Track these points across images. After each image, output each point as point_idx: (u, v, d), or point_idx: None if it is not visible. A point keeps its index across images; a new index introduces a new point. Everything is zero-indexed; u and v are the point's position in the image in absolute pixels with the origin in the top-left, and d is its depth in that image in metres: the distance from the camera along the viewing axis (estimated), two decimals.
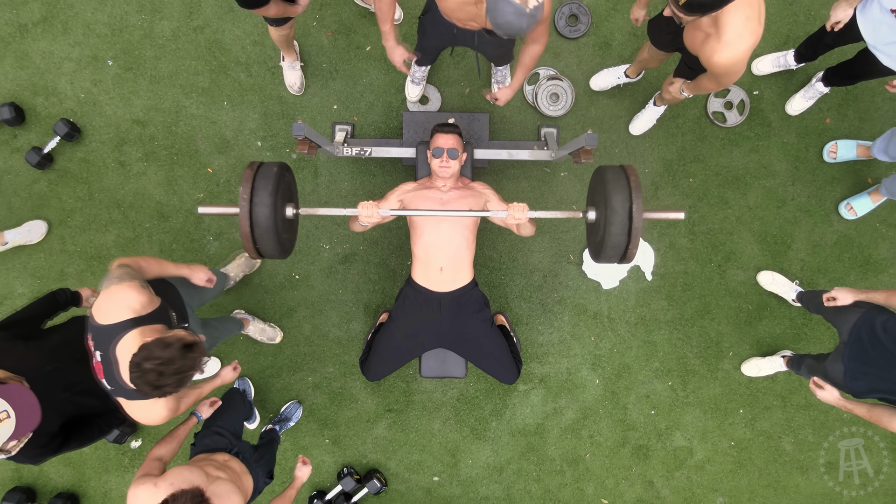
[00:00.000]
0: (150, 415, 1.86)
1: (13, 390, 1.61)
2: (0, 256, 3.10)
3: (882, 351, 2.17)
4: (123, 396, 1.82)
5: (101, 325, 1.76)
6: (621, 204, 1.99)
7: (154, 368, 1.60)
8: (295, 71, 3.02)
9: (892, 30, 2.19)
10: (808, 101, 3.00)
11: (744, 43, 1.92)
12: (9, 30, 3.06)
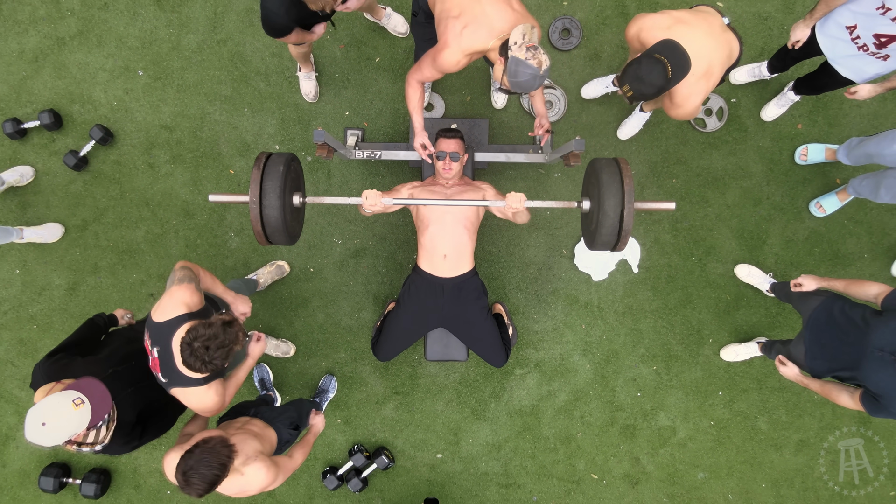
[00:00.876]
0: (204, 401, 2.12)
1: (83, 383, 1.87)
2: (39, 252, 3.38)
3: (836, 333, 2.44)
4: (180, 386, 2.07)
5: (160, 323, 2.03)
6: (614, 194, 2.24)
7: (202, 345, 1.87)
8: (310, 80, 3.30)
9: (848, 45, 2.46)
10: (780, 108, 3.28)
11: (693, 102, 2.33)
12: (48, 43, 3.34)
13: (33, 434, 1.77)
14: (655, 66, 2.08)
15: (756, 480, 3.47)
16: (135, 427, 2.15)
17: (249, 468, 2.06)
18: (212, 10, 3.34)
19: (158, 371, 2.08)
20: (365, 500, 3.47)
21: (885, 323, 2.23)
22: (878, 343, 2.22)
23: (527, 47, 2.13)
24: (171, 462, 2.05)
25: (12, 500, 3.46)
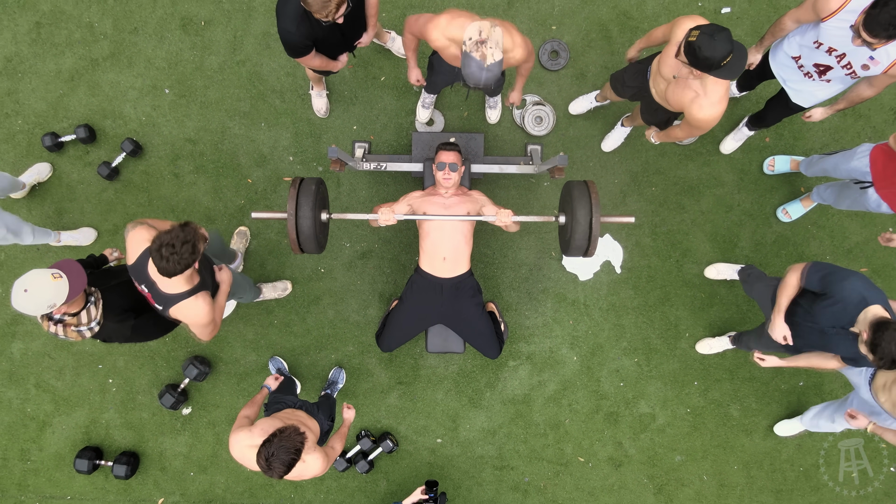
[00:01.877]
0: (197, 312, 2.40)
1: (62, 262, 2.20)
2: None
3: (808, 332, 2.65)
4: (173, 305, 2.36)
5: (134, 264, 2.36)
6: (583, 211, 2.61)
7: (168, 244, 2.11)
8: (322, 98, 3.62)
9: (795, 72, 2.79)
10: (737, 142, 3.61)
11: (722, 106, 2.47)
12: (83, 63, 3.67)
13: (17, 300, 2.08)
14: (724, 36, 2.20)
15: (728, 462, 3.79)
16: (126, 311, 2.46)
17: (310, 456, 2.36)
18: (232, 34, 3.67)
19: (154, 302, 2.41)
20: (371, 480, 3.80)
21: (823, 308, 2.51)
22: (827, 324, 2.53)
23: (476, 42, 2.36)
24: (239, 443, 2.37)
25: (48, 481, 3.79)
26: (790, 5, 3.65)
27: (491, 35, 2.37)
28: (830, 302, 2.49)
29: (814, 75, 2.69)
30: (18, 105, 3.67)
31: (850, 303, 2.42)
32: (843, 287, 2.45)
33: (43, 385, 3.75)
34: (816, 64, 2.62)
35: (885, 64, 2.41)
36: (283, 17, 2.54)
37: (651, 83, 2.80)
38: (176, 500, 3.80)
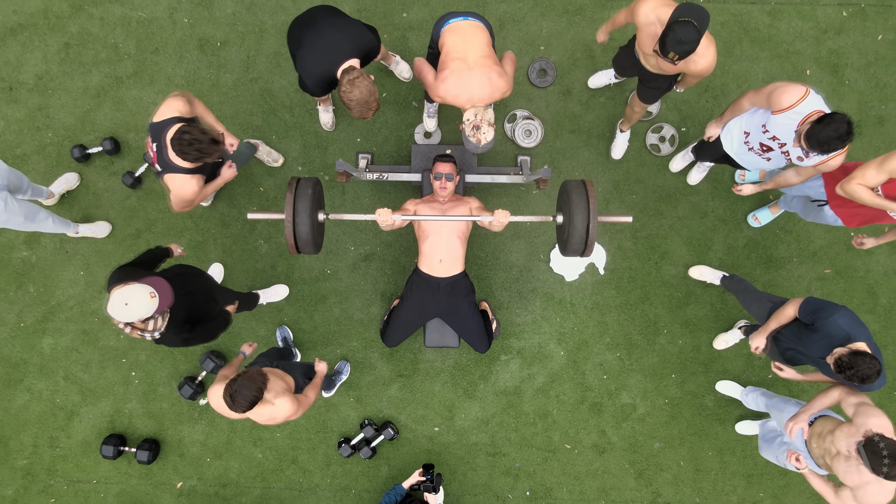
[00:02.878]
0: (185, 187, 2.76)
1: (155, 280, 2.50)
2: (100, 256, 4.01)
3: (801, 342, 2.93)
4: (171, 172, 2.71)
5: (157, 122, 2.70)
6: (582, 210, 2.86)
7: (188, 131, 2.54)
8: (328, 113, 3.94)
9: (743, 145, 3.08)
10: (701, 173, 3.93)
11: (712, 51, 2.72)
12: (108, 81, 3.98)
13: (116, 310, 2.35)
14: (687, 26, 2.50)
15: (703, 449, 4.10)
16: (184, 324, 2.77)
17: (278, 400, 2.69)
18: (245, 54, 3.98)
19: (156, 163, 2.74)
20: (374, 466, 4.11)
21: (812, 342, 2.81)
22: (817, 355, 2.82)
23: (473, 126, 2.85)
24: (215, 393, 2.69)
25: (76, 466, 4.10)
26: (758, 27, 3.97)
27: (484, 117, 2.81)
28: (818, 336, 2.78)
29: (757, 150, 3.01)
30: (49, 119, 3.98)
31: (836, 337, 2.69)
32: (831, 323, 2.72)
33: (71, 377, 4.07)
34: (762, 144, 2.94)
35: (816, 160, 2.74)
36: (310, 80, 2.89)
37: (643, 61, 3.07)
38: (193, 483, 4.11)
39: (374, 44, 2.96)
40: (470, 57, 2.90)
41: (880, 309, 4.04)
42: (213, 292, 3.05)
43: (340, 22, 2.89)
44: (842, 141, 2.46)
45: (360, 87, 2.70)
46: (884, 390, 4.07)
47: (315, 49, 2.80)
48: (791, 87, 2.64)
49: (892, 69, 3.99)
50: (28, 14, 3.95)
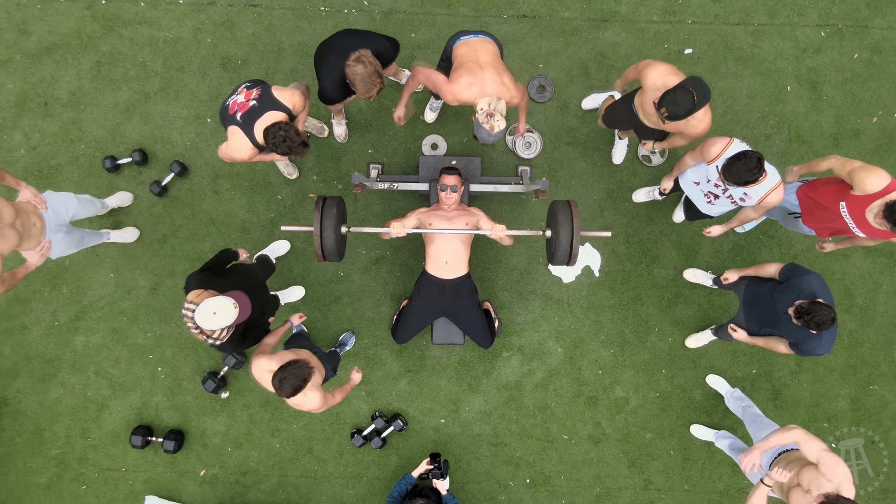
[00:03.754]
0: (240, 148, 3.05)
1: (238, 295, 2.80)
2: (128, 260, 4.30)
3: (758, 305, 3.29)
4: (242, 130, 3.01)
5: (273, 96, 3.01)
6: (566, 227, 3.18)
7: (285, 129, 2.89)
8: (341, 126, 4.23)
9: (698, 192, 3.42)
10: (649, 196, 4.23)
11: (709, 117, 3.06)
12: (137, 97, 4.27)
13: (203, 318, 2.65)
14: (686, 95, 2.83)
15: (692, 439, 4.39)
16: (242, 335, 3.06)
17: (310, 393, 2.98)
18: (264, 71, 4.27)
19: (242, 110, 3.03)
20: (384, 455, 4.40)
21: (782, 294, 3.12)
22: (782, 309, 3.12)
23: (486, 114, 3.03)
24: (258, 365, 2.98)
25: (106, 455, 4.39)
26: (742, 46, 4.26)
27: (497, 107, 3.02)
28: (790, 290, 3.07)
29: (710, 198, 3.35)
30: (81, 132, 4.27)
31: (805, 292, 3.00)
32: (803, 280, 3.04)
33: (101, 373, 4.36)
34: (709, 191, 3.31)
35: (755, 199, 3.08)
36: (327, 81, 3.15)
37: (642, 117, 3.38)
38: (215, 472, 4.40)
39: (387, 47, 3.23)
40: (481, 60, 3.16)
41: (856, 309, 4.33)
42: (265, 305, 3.34)
43: (359, 33, 3.21)
44: (752, 174, 2.82)
45: (363, 62, 2.97)
46: (860, 383, 4.35)
47: (333, 54, 3.10)
48: (718, 140, 3.04)
49: (867, 86, 4.28)
50: (62, 34, 4.25)
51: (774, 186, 3.02)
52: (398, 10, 4.27)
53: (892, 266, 4.31)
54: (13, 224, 3.01)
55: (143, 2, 4.24)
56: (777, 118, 4.29)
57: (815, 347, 3.05)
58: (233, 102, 3.11)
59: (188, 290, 2.88)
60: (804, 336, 3.06)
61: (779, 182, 3.03)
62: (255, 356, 3.03)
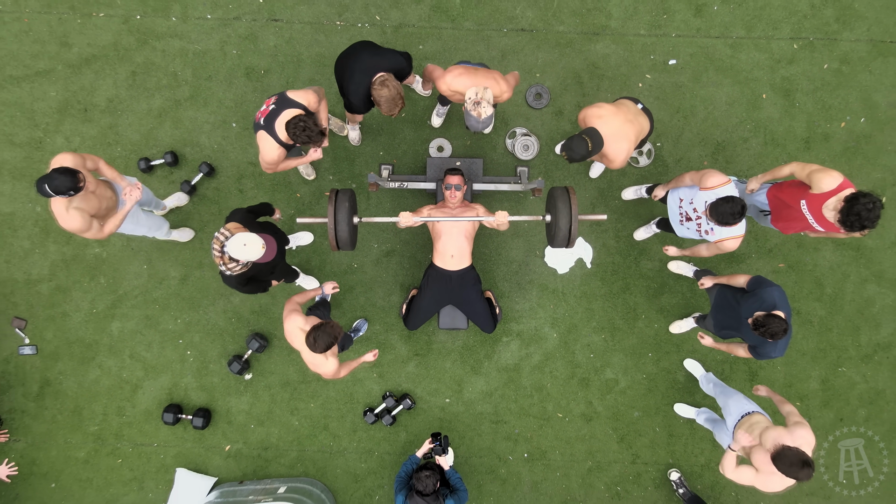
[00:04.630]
0: (269, 151, 3.43)
1: (269, 239, 3.19)
2: (160, 252, 4.71)
3: (725, 311, 3.71)
4: (264, 130, 3.38)
5: (288, 97, 3.37)
6: (565, 210, 3.56)
7: (304, 120, 3.24)
8: (355, 131, 4.62)
9: (676, 211, 3.81)
10: (647, 233, 4.62)
11: (621, 154, 3.47)
12: (168, 104, 4.67)
13: (234, 246, 3.04)
14: (581, 142, 3.32)
15: (676, 417, 4.79)
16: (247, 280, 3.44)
17: (330, 358, 3.38)
18: (285, 80, 4.68)
19: (263, 116, 3.39)
20: (394, 432, 4.80)
21: (747, 303, 3.53)
22: (745, 316, 3.52)
23: (474, 102, 3.40)
24: (293, 321, 3.39)
25: (139, 432, 4.79)
26: (722, 57, 4.66)
27: (484, 96, 3.39)
28: (754, 299, 3.47)
29: (682, 219, 3.76)
30: (118, 136, 4.68)
31: (766, 303, 3.39)
32: (766, 291, 3.43)
33: (135, 356, 4.76)
34: (686, 212, 3.70)
35: (716, 238, 3.50)
36: (355, 98, 3.53)
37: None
38: (239, 447, 4.80)
39: (404, 64, 3.61)
40: (478, 72, 3.58)
41: (826, 297, 4.73)
42: (278, 265, 3.69)
43: (377, 50, 3.58)
44: (734, 217, 3.23)
45: (388, 86, 3.37)
46: (829, 366, 4.75)
47: (357, 69, 3.48)
48: (719, 175, 3.44)
49: (836, 93, 4.68)
50: (101, 46, 4.65)
51: (737, 235, 3.45)
52: (407, 25, 4.67)
53: (858, 259, 4.71)
54: (95, 191, 3.50)
55: (175, 17, 4.65)
56: (753, 123, 4.69)
57: (771, 352, 3.47)
58: (258, 113, 3.50)
59: (229, 221, 3.31)
60: (761, 342, 3.47)
61: (742, 234, 3.45)
62: (289, 313, 3.42)
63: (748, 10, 4.66)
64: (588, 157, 3.39)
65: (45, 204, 4.65)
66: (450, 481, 3.91)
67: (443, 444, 4.06)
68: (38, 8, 4.61)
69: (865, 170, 4.67)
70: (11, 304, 4.69)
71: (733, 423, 3.64)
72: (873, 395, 4.75)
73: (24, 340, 4.70)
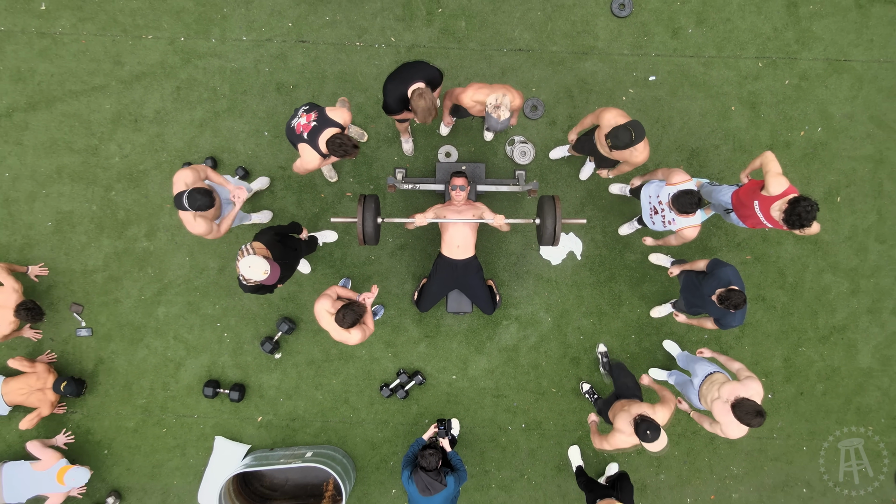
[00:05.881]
0: (310, 160, 4.00)
1: (275, 267, 3.84)
2: (200, 246, 5.33)
3: (692, 291, 4.35)
4: (308, 143, 3.96)
5: (328, 116, 3.95)
6: (551, 216, 4.21)
7: (341, 137, 3.83)
8: (408, 143, 5.19)
9: (647, 204, 4.43)
10: (630, 228, 5.25)
11: (647, 150, 4.07)
12: (208, 115, 5.31)
13: (242, 264, 3.71)
14: (626, 132, 3.86)
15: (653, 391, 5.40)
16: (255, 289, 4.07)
17: (354, 331, 3.99)
18: (311, 95, 5.31)
19: (306, 131, 3.97)
20: (406, 404, 5.43)
21: (707, 282, 4.17)
22: (707, 293, 4.15)
23: (494, 106, 4.00)
24: (323, 304, 3.99)
25: (182, 404, 5.42)
26: (695, 74, 5.30)
27: (502, 102, 4.02)
28: (713, 278, 4.12)
29: (651, 212, 4.40)
30: (164, 143, 5.31)
31: (722, 281, 4.04)
32: (722, 271, 4.06)
33: (179, 337, 5.40)
34: (654, 206, 4.34)
35: (677, 226, 4.16)
36: (390, 97, 4.12)
37: (600, 148, 4.42)
38: (270, 418, 5.44)
39: (436, 74, 4.17)
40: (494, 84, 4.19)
41: (788, 285, 5.37)
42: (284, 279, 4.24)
43: (414, 64, 4.15)
44: (690, 207, 3.89)
45: (425, 98, 3.95)
46: (790, 346, 5.38)
47: (396, 79, 4.07)
48: (683, 173, 4.10)
49: (796, 106, 5.31)
50: (149, 65, 5.29)
51: (694, 225, 4.10)
52: (419, 45, 5.31)
53: (816, 251, 5.34)
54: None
55: (214, 38, 5.28)
56: (724, 132, 5.33)
57: (732, 321, 4.11)
58: (297, 125, 4.11)
59: (256, 238, 4.00)
60: (724, 313, 4.10)
61: (698, 224, 4.10)
62: (323, 296, 4.04)
63: (718, 33, 5.29)
64: (629, 147, 3.90)
65: (100, 203, 5.29)
66: (451, 462, 4.34)
67: (446, 426, 4.57)
68: (95, 31, 5.24)
69: (822, 173, 5.31)
70: (70, 292, 5.33)
71: (699, 382, 4.28)
72: (829, 371, 5.38)
73: (81, 324, 5.34)
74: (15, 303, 4.72)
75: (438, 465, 4.12)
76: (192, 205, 3.83)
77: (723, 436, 4.00)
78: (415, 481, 4.13)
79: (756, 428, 3.87)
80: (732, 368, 4.19)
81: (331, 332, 4.03)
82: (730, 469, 5.44)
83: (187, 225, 4.01)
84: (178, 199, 3.90)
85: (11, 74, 5.22)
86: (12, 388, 5.00)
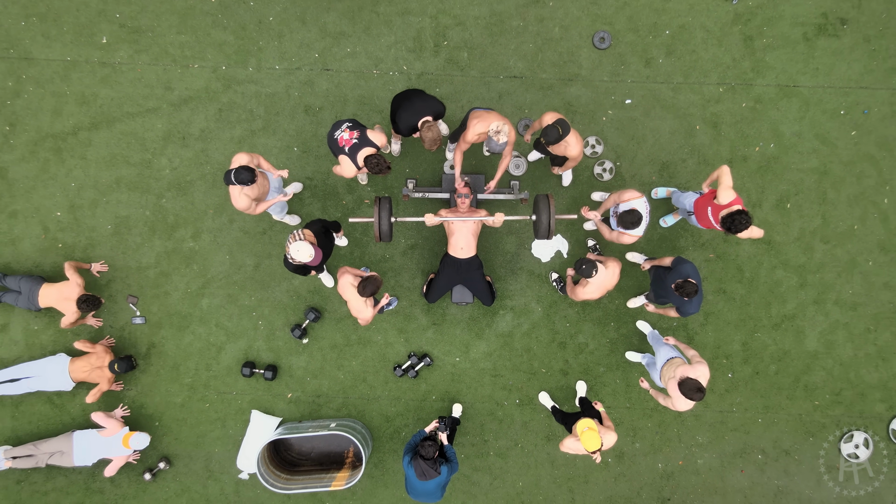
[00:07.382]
0: (348, 170, 4.85)
1: (318, 253, 4.68)
2: (238, 245, 6.18)
3: (659, 283, 5.20)
4: (347, 156, 4.79)
5: (368, 137, 4.76)
6: (546, 212, 5.05)
7: (377, 156, 4.67)
8: (397, 145, 6.08)
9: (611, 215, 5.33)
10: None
11: (580, 143, 4.96)
12: (246, 133, 6.16)
13: (293, 245, 4.53)
14: (554, 129, 4.69)
15: (632, 373, 6.25)
16: (299, 269, 4.96)
17: (369, 305, 4.83)
18: (335, 116, 6.16)
19: (348, 146, 4.80)
20: (416, 383, 6.27)
21: (670, 275, 5.02)
22: (669, 284, 5.01)
23: (495, 132, 4.85)
24: (346, 278, 4.82)
25: (223, 383, 6.26)
26: (665, 98, 6.15)
27: (502, 129, 4.86)
28: (674, 272, 4.97)
29: (610, 217, 5.29)
30: (208, 158, 6.16)
31: (682, 274, 4.89)
32: (682, 267, 4.92)
33: (220, 325, 6.24)
34: (611, 213, 5.23)
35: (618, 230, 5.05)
36: (402, 125, 4.96)
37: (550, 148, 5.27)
38: (299, 395, 6.28)
39: (441, 109, 5.02)
40: (490, 114, 5.06)
41: (745, 280, 6.21)
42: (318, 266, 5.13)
43: (423, 97, 4.99)
44: (634, 224, 4.73)
45: (432, 130, 4.80)
46: (748, 332, 6.23)
47: (409, 110, 4.92)
48: (634, 192, 4.94)
49: (752, 126, 6.16)
50: (195, 90, 6.14)
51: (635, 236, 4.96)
52: (427, 73, 6.16)
53: (769, 251, 6.19)
54: (257, 181, 4.93)
55: (251, 67, 6.14)
56: (690, 148, 6.18)
57: (689, 308, 4.97)
58: (340, 138, 4.90)
59: (307, 227, 4.86)
60: (682, 302, 4.96)
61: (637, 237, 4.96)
62: (346, 272, 4.89)
63: (685, 63, 6.14)
64: (560, 140, 4.74)
65: (153, 209, 6.13)
66: (447, 454, 4.87)
67: (447, 422, 5.26)
68: (148, 61, 6.10)
69: (774, 183, 6.16)
70: (126, 286, 6.18)
71: (661, 364, 5.13)
72: (781, 354, 6.23)
73: (136, 313, 6.19)
74: (77, 295, 5.56)
75: (435, 456, 4.65)
76: (236, 178, 4.65)
77: (673, 409, 4.86)
78: (413, 466, 4.69)
79: (698, 402, 4.75)
80: (688, 354, 5.03)
81: (349, 301, 4.86)
82: (696, 438, 6.29)
83: (233, 198, 4.85)
84: (227, 175, 4.71)
85: (77, 98, 6.07)
86: (77, 366, 5.84)
